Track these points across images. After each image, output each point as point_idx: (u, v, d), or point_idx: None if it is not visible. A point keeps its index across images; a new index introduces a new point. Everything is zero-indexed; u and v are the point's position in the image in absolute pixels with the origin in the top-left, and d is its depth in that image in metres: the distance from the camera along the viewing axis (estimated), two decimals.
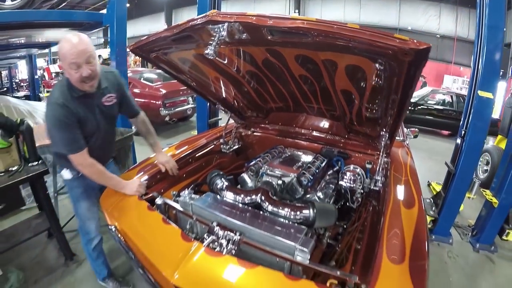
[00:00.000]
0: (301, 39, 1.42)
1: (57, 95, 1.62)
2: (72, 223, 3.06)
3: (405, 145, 2.86)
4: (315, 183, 2.17)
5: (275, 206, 1.74)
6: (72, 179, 1.92)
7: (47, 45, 6.45)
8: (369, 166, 2.32)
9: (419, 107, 8.50)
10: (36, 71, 8.99)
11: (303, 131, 2.79)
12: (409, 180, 2.00)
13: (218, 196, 1.91)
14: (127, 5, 3.30)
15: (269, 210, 1.74)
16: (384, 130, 2.05)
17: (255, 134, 3.02)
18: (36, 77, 8.94)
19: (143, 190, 1.82)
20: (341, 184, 2.26)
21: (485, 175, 4.81)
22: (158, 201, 1.75)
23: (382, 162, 2.08)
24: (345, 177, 2.28)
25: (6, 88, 12.20)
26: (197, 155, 2.50)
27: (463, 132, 3.00)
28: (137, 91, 6.69)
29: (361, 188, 2.25)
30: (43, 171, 2.30)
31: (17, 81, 14.22)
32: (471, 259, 3.04)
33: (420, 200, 1.75)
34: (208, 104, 4.09)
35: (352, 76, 1.75)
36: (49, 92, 12.85)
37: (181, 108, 7.07)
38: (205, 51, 1.48)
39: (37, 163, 2.36)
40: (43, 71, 14.97)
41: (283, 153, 2.63)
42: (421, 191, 1.87)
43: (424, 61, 1.18)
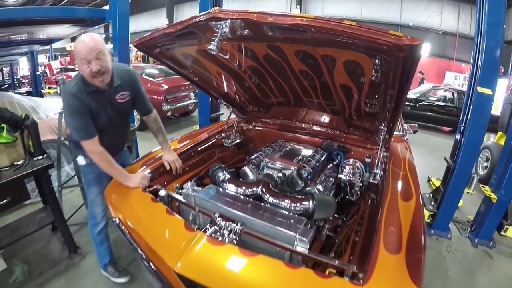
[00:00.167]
0: (300, 35, 1.45)
1: (71, 86, 1.74)
2: (75, 217, 3.11)
3: (405, 140, 2.87)
4: (315, 176, 2.20)
5: (276, 197, 1.78)
6: (85, 165, 2.06)
7: (49, 41, 6.45)
8: (368, 160, 2.35)
9: (420, 103, 8.44)
10: (37, 68, 9.01)
11: (303, 125, 2.82)
12: (408, 174, 2.02)
13: (220, 188, 1.94)
14: (129, 1, 3.30)
15: (270, 201, 1.77)
16: (382, 124, 2.07)
17: (256, 128, 3.05)
18: (37, 74, 8.95)
19: (146, 182, 1.86)
20: (340, 177, 2.28)
21: (485, 171, 4.81)
22: (161, 193, 1.78)
23: (381, 156, 2.10)
24: (345, 170, 2.30)
25: (7, 84, 12.21)
26: (199, 149, 2.53)
27: (462, 128, 3.00)
28: None
29: (360, 181, 2.27)
30: (48, 165, 2.32)
31: (19, 77, 14.24)
32: (470, 254, 3.05)
33: (418, 193, 1.77)
34: (210, 99, 4.11)
35: (350, 71, 1.78)
36: (50, 88, 12.89)
37: (183, 103, 7.07)
38: (208, 47, 1.53)
39: (42, 157, 2.38)
40: (45, 67, 14.99)
41: (284, 147, 2.65)
42: (419, 185, 1.89)
43: (418, 56, 1.21)
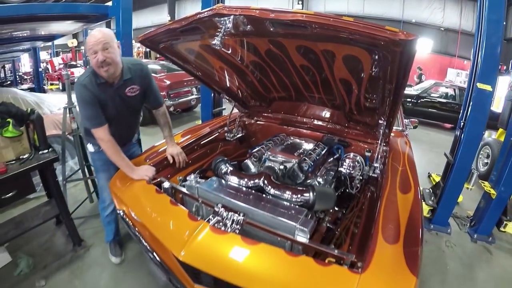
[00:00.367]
0: (301, 31, 1.49)
1: (83, 79, 1.85)
2: (79, 211, 3.14)
3: (405, 135, 2.90)
4: (315, 169, 2.23)
5: (277, 189, 1.82)
6: (94, 152, 2.20)
7: (52, 37, 6.46)
8: (368, 154, 2.38)
9: (422, 100, 8.38)
10: (40, 64, 9.03)
11: (304, 120, 2.85)
12: (407, 167, 2.05)
13: (222, 180, 1.98)
14: None
15: (271, 193, 1.81)
16: (382, 118, 2.10)
17: (258, 122, 3.08)
18: (40, 70, 8.98)
19: (151, 175, 1.89)
20: (341, 170, 2.32)
21: (486, 168, 4.80)
22: (165, 185, 1.82)
23: (380, 150, 2.13)
24: (345, 164, 2.34)
25: (10, 81, 12.24)
26: (202, 143, 2.57)
27: (462, 123, 3.00)
28: None
29: (360, 175, 2.30)
30: (53, 158, 2.35)
31: (21, 74, 14.27)
32: (469, 248, 3.04)
33: (416, 186, 1.81)
34: (212, 94, 4.13)
35: (349, 65, 1.82)
36: (52, 84, 12.92)
37: (185, 98, 7.05)
38: (212, 42, 1.59)
39: (47, 151, 2.40)
40: (46, 64, 15.00)
41: (285, 141, 2.68)
42: (417, 178, 1.92)
43: (414, 51, 1.25)
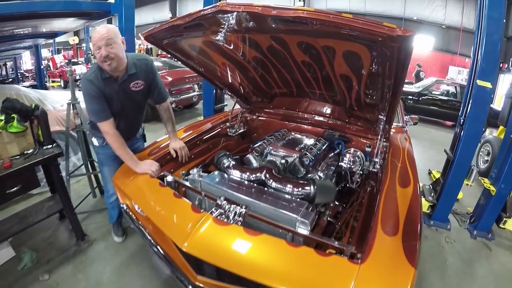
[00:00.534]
0: (302, 27, 1.52)
1: (88, 74, 1.91)
2: (82, 205, 3.17)
3: (405, 131, 2.92)
4: (316, 164, 2.26)
5: (279, 182, 1.84)
6: (99, 146, 2.27)
7: (54, 35, 6.46)
8: (368, 149, 2.40)
9: (423, 97, 8.37)
10: (41, 62, 9.05)
11: (305, 115, 2.87)
12: (406, 162, 2.08)
13: (225, 174, 2.01)
14: None
15: (273, 186, 1.84)
16: (382, 114, 2.12)
17: (260, 118, 3.10)
18: (41, 67, 9.00)
19: (155, 169, 1.91)
20: (341, 165, 2.34)
21: (486, 165, 4.82)
22: (168, 179, 1.85)
23: (380, 145, 2.15)
24: (345, 159, 2.35)
25: (11, 78, 12.27)
26: (204, 138, 2.60)
27: (462, 120, 3.01)
28: None
29: (360, 169, 2.32)
30: (57, 153, 2.37)
31: (22, 71, 14.31)
32: (468, 245, 3.05)
33: (415, 180, 1.83)
34: (214, 90, 4.14)
35: (349, 61, 1.84)
36: (54, 82, 12.95)
37: (187, 95, 7.06)
38: (215, 38, 1.62)
39: (51, 146, 2.42)
40: (48, 61, 15.03)
41: (287, 136, 2.70)
42: (417, 173, 1.95)
43: (411, 47, 1.28)
